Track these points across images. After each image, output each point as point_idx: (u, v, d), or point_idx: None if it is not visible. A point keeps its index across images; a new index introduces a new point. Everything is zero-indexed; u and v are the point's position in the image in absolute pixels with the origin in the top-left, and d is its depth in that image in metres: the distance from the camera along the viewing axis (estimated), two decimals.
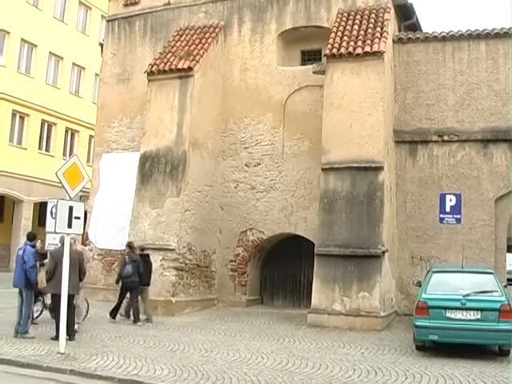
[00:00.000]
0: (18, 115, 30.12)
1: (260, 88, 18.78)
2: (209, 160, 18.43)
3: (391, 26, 17.57)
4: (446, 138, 17.38)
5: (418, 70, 17.86)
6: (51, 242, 15.36)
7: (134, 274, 14.56)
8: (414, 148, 17.67)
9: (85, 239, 18.89)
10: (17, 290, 12.50)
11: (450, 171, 17.22)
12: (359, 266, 14.73)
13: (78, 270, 12.12)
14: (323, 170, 15.78)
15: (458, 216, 15.23)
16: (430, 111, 17.65)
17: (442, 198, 15.56)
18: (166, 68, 17.96)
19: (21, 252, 12.36)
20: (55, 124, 32.37)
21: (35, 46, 31.40)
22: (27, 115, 30.51)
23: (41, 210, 30.50)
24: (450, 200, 15.44)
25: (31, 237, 12.77)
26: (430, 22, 68.90)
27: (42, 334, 12.31)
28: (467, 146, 17.26)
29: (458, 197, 15.46)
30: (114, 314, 14.95)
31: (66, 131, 33.32)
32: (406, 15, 19.08)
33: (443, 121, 17.50)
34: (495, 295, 11.29)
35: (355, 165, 15.52)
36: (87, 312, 14.23)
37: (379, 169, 15.38)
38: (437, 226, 16.48)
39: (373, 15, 17.47)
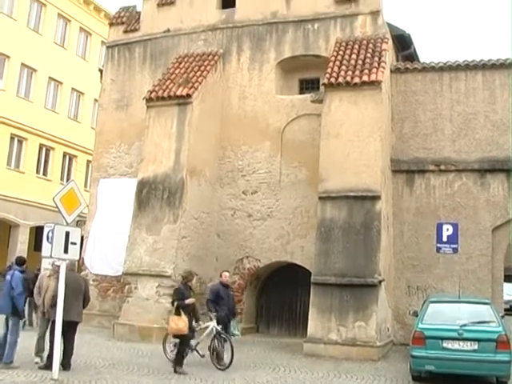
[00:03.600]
0: (16, 139, 30.13)
1: (258, 116, 18.86)
2: (206, 187, 18.44)
3: (389, 55, 17.71)
4: (443, 167, 17.41)
5: (415, 99, 17.96)
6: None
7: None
8: (411, 177, 17.68)
9: (80, 264, 18.80)
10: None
11: (446, 201, 17.22)
12: (356, 295, 14.64)
13: (83, 297, 11.82)
14: (320, 198, 15.76)
15: (455, 246, 15.21)
16: (427, 141, 17.71)
17: (439, 227, 15.54)
18: (165, 95, 18.05)
19: (9, 277, 11.86)
20: (53, 148, 32.38)
21: (35, 70, 31.54)
22: (25, 139, 30.53)
23: (37, 234, 30.36)
24: (447, 229, 15.42)
25: (20, 261, 12.30)
26: (427, 52, 69.65)
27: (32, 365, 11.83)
28: (464, 176, 17.29)
29: (455, 226, 15.45)
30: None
31: (64, 156, 33.32)
32: (403, 45, 19.27)
33: (440, 150, 17.55)
34: (492, 326, 11.24)
35: (352, 194, 15.51)
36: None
37: (376, 198, 15.38)
38: (433, 255, 16.43)
39: (371, 45, 17.61)
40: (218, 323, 12.54)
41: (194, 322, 12.39)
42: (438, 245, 15.35)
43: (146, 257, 16.89)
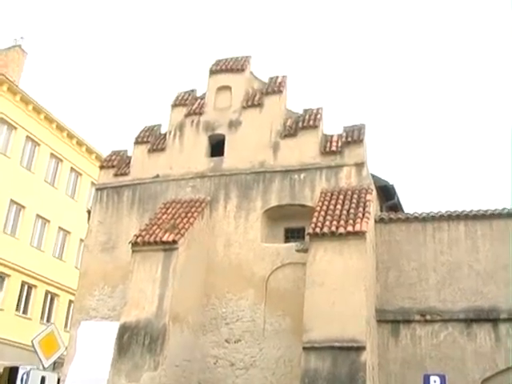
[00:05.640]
0: None
1: (243, 264, 18.86)
2: (189, 334, 18.10)
3: (373, 206, 18.08)
4: (428, 317, 17.31)
5: (399, 249, 18.17)
6: None
7: None
8: (396, 327, 17.51)
9: None
10: None
11: (433, 351, 16.96)
12: None
13: None
14: (304, 348, 15.46)
15: None
16: (411, 290, 17.71)
17: (426, 379, 15.11)
18: (151, 240, 18.13)
19: None
20: (35, 286, 32.15)
21: (23, 207, 31.96)
22: (8, 275, 30.40)
23: (11, 375, 29.28)
24: (434, 382, 14.96)
25: None
26: (411, 201, 71.40)
27: None
28: (450, 326, 17.15)
29: (443, 378, 15.02)
30: None
31: (46, 294, 33.01)
32: (387, 196, 19.76)
33: (425, 300, 17.53)
34: None
35: (337, 344, 15.23)
36: None
37: (361, 349, 15.09)
38: None
39: (355, 195, 18.01)
40: None
41: None
42: None
43: None
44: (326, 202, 17.90)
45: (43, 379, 10.80)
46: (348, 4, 79.12)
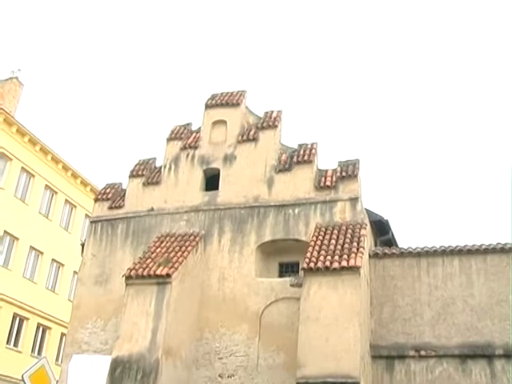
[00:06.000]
0: None
1: (237, 298, 18.78)
2: (181, 369, 17.92)
3: (367, 241, 18.10)
4: (423, 353, 17.19)
5: (393, 284, 18.12)
6: None
7: None
8: (390, 363, 17.37)
9: None
10: None
11: None
12: None
13: None
14: None
15: None
16: (406, 326, 17.62)
17: None
18: (145, 273, 18.07)
19: None
20: (27, 318, 31.87)
21: (17, 239, 31.86)
22: None
23: None
24: None
25: None
26: (405, 236, 71.40)
27: None
28: (445, 362, 17.03)
29: None
30: None
31: (38, 327, 32.73)
32: (382, 231, 19.79)
33: (420, 336, 17.43)
34: None
35: (331, 380, 15.11)
36: None
37: None
38: None
39: (350, 230, 18.03)
40: None
41: None
42: None
43: None
44: (321, 237, 17.92)
45: None
46: (341, 39, 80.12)
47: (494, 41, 76.15)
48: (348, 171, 19.46)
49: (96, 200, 22.87)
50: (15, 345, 31.07)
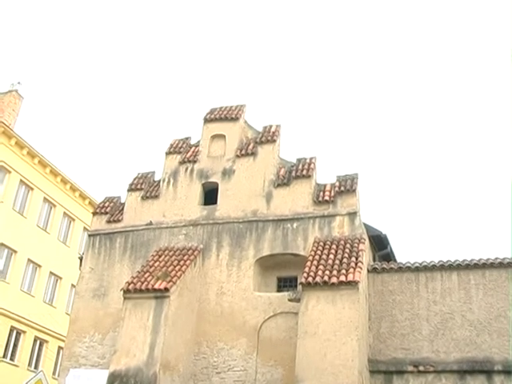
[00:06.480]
0: None
1: (235, 312, 18.74)
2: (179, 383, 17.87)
3: (366, 255, 18.11)
4: (421, 368, 17.14)
5: (392, 299, 18.10)
6: None
7: None
8: (389, 378, 17.30)
9: None
10: None
11: None
12: None
13: None
14: None
15: None
16: (404, 341, 17.59)
17: None
18: (143, 287, 18.04)
19: None
20: (24, 332, 31.72)
21: (15, 251, 31.77)
22: None
23: None
24: None
25: None
26: (403, 251, 71.24)
27: None
28: (443, 377, 16.98)
29: None
30: None
31: (35, 340, 32.56)
32: (380, 245, 19.79)
33: (418, 351, 17.38)
34: None
35: None
36: None
37: None
38: None
39: (348, 245, 18.04)
40: None
41: None
42: None
43: None
44: (319, 252, 17.92)
45: None
46: (339, 54, 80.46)
47: (491, 45, 76.44)
48: (346, 186, 19.49)
49: (94, 213, 22.86)
50: (12, 358, 30.87)
